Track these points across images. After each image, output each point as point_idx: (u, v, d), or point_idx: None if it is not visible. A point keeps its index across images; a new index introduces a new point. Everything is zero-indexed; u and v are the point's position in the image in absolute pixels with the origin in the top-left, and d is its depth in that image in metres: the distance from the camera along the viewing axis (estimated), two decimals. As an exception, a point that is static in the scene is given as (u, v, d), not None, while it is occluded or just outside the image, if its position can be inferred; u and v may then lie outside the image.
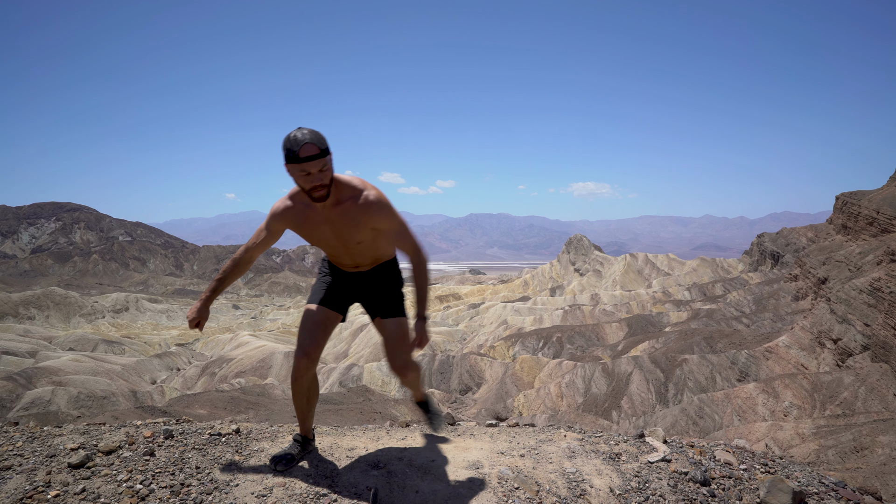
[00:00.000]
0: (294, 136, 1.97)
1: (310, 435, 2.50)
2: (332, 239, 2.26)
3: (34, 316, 69.96)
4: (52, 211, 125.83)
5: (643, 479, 2.40)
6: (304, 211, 2.20)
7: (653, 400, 29.72)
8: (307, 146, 1.96)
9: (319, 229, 2.23)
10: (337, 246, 2.29)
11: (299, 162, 1.97)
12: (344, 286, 2.45)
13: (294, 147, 1.96)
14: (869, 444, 17.79)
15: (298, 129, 2.00)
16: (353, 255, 2.33)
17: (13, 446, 2.35)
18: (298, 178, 2.04)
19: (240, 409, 27.49)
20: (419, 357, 40.24)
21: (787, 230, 66.41)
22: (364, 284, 2.43)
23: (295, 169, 2.00)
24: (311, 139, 1.96)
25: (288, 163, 2.00)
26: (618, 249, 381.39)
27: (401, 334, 2.34)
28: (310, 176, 2.01)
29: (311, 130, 1.99)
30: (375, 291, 2.43)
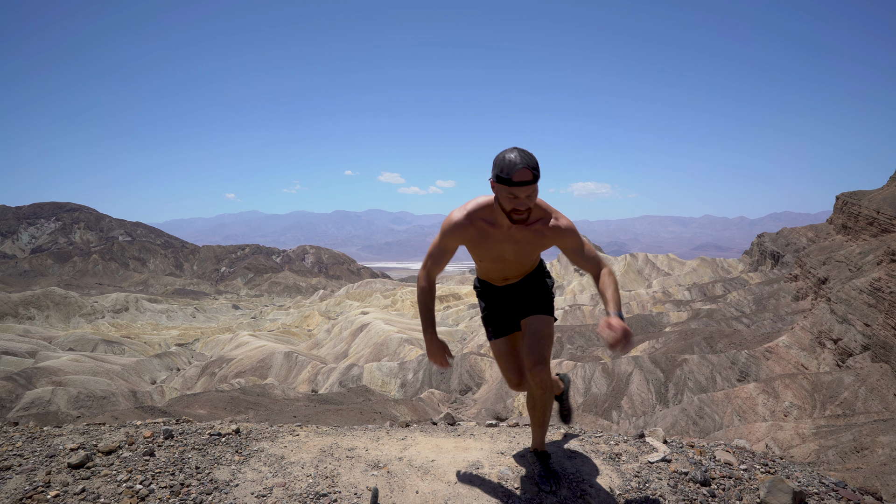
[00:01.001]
0: (510, 159, 1.96)
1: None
2: (509, 255, 2.28)
3: (34, 316, 69.96)
4: (51, 211, 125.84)
5: (643, 479, 2.39)
6: (486, 229, 2.21)
7: (653, 400, 29.72)
8: (523, 171, 1.95)
9: (500, 246, 2.25)
10: (510, 262, 2.32)
11: (511, 185, 1.96)
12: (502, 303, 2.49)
13: (509, 170, 1.95)
14: (869, 445, 17.78)
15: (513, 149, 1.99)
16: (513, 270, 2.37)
17: (13, 446, 2.34)
18: (504, 199, 2.03)
19: (240, 409, 27.48)
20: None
21: (787, 230, 66.41)
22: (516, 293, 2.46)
23: (503, 190, 2.00)
24: (526, 164, 1.95)
25: (498, 182, 2.00)
26: (618, 249, 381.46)
27: (544, 332, 2.33)
28: (516, 199, 2.00)
29: (526, 154, 1.98)
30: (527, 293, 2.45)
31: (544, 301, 2.41)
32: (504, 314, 2.48)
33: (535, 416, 2.39)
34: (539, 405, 2.33)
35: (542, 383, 2.25)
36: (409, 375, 38.53)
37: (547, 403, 2.34)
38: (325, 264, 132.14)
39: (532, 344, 2.28)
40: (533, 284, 2.44)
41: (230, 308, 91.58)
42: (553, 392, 2.34)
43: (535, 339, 2.29)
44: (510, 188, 1.97)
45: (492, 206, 2.18)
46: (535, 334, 2.30)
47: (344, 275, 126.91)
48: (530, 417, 2.44)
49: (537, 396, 2.31)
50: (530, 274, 2.45)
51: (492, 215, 2.18)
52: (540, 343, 2.28)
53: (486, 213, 2.19)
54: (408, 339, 47.63)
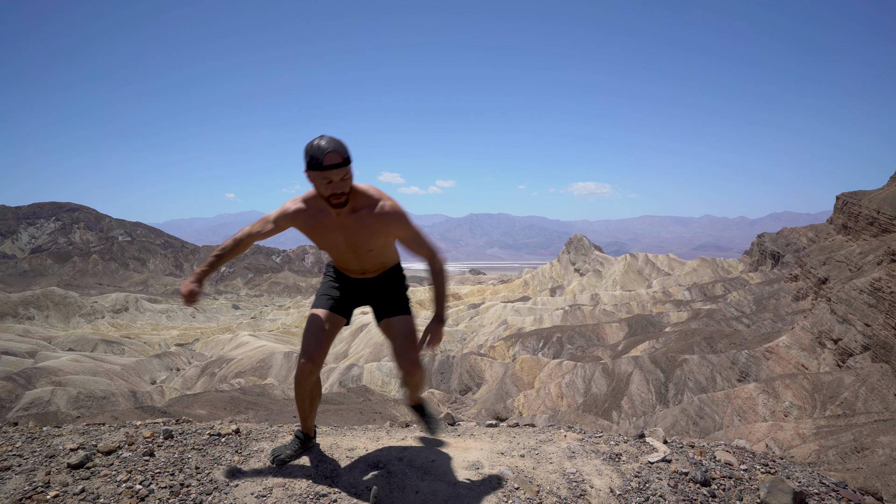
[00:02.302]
0: (318, 144, 2.01)
1: (311, 433, 2.54)
2: (342, 245, 2.29)
3: (34, 316, 69.96)
4: (51, 211, 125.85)
5: (643, 479, 2.39)
6: (316, 215, 2.23)
7: (653, 400, 29.72)
8: (331, 154, 2.00)
9: (331, 234, 2.26)
10: (346, 252, 2.32)
11: (322, 170, 2.02)
12: (350, 291, 2.47)
13: (317, 155, 2.00)
14: (869, 445, 17.78)
15: (321, 137, 2.04)
16: (361, 261, 2.36)
17: (13, 446, 2.34)
18: (319, 185, 2.08)
19: (239, 409, 27.48)
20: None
21: (787, 230, 66.41)
22: (370, 290, 2.47)
23: (317, 176, 2.05)
24: (334, 148, 2.01)
25: (310, 169, 2.05)
26: (618, 249, 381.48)
27: (408, 332, 2.36)
28: (331, 184, 2.05)
29: (334, 139, 2.03)
30: (382, 295, 2.46)
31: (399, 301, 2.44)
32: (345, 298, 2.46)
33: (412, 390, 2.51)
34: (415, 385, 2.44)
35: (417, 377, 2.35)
36: (409, 375, 38.52)
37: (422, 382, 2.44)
38: (324, 264, 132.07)
39: (401, 348, 2.33)
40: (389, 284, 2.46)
41: (230, 308, 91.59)
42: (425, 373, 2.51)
43: (401, 342, 2.34)
44: (323, 173, 2.02)
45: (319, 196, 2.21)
46: (402, 336, 2.35)
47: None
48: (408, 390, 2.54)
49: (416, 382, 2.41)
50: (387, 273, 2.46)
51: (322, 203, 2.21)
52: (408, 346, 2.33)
53: (318, 202, 2.22)
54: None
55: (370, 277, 2.44)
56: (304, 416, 2.47)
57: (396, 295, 2.45)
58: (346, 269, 2.45)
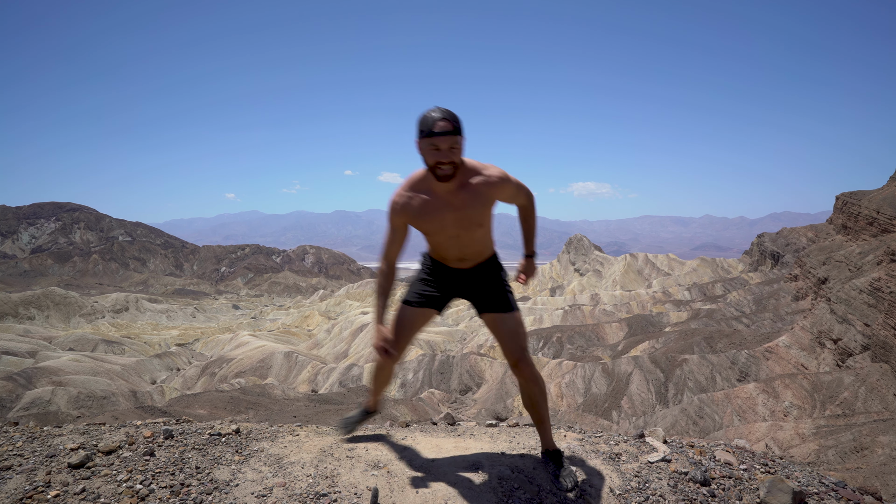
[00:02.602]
0: (429, 113, 2.03)
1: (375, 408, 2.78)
2: (451, 226, 2.24)
3: (34, 316, 69.98)
4: (51, 211, 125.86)
5: (643, 479, 2.40)
6: (424, 199, 2.21)
7: (653, 400, 29.72)
8: (442, 122, 2.00)
9: (440, 215, 2.22)
10: (454, 234, 2.27)
11: (431, 136, 2.02)
12: (446, 282, 2.43)
13: (428, 122, 2.02)
14: (869, 444, 17.79)
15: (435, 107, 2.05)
16: (464, 245, 2.31)
17: (13, 446, 2.34)
18: (427, 154, 2.07)
19: (240, 409, 27.49)
20: (413, 360, 40.26)
21: (787, 230, 66.41)
22: (468, 281, 2.42)
23: (426, 144, 2.04)
24: (445, 116, 2.01)
25: (420, 138, 2.05)
26: (618, 249, 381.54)
27: (517, 329, 2.34)
28: (439, 152, 2.04)
29: (446, 109, 2.04)
30: (483, 288, 2.41)
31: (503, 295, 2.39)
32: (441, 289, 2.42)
33: (533, 413, 2.40)
34: (533, 400, 2.35)
35: (529, 377, 2.29)
36: (409, 375, 38.53)
37: (541, 397, 2.35)
38: (325, 264, 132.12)
39: (510, 342, 2.31)
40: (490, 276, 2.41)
41: (230, 308, 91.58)
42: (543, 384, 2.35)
43: (509, 337, 2.32)
44: (431, 139, 2.01)
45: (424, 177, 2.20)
46: (508, 333, 2.32)
47: (344, 275, 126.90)
48: (530, 415, 2.45)
49: (529, 391, 2.33)
50: (486, 264, 2.41)
51: (427, 185, 2.19)
52: (515, 339, 2.31)
53: (422, 184, 2.20)
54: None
55: (467, 268, 2.39)
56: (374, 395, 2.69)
57: (500, 288, 2.40)
58: (444, 258, 2.39)
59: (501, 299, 2.38)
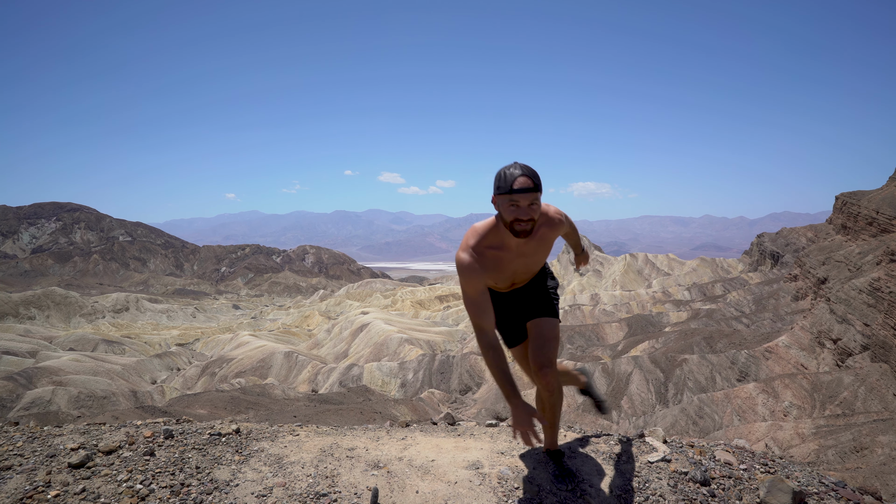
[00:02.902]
0: (509, 170, 1.99)
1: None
2: (521, 271, 2.26)
3: (34, 316, 69.96)
4: (52, 211, 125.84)
5: (643, 478, 2.40)
6: (496, 255, 2.15)
7: (653, 400, 29.73)
8: (522, 179, 1.96)
9: (512, 265, 2.20)
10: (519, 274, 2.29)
11: (511, 193, 1.96)
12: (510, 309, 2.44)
13: (510, 179, 1.97)
14: (869, 444, 17.78)
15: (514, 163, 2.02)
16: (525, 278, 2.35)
17: (13, 446, 2.35)
18: (505, 210, 2.02)
19: (240, 409, 27.48)
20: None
21: (786, 230, 66.39)
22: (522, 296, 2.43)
23: (504, 200, 2.00)
24: (526, 173, 1.97)
25: (499, 194, 2.00)
26: (618, 249, 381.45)
27: (550, 335, 2.33)
28: (517, 209, 1.99)
29: (526, 166, 2.00)
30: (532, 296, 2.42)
31: (548, 303, 2.40)
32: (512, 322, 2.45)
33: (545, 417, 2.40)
34: (548, 406, 2.34)
35: (549, 385, 2.26)
36: (409, 375, 38.53)
37: (556, 404, 2.34)
38: (325, 264, 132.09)
39: (538, 347, 2.28)
40: (537, 287, 2.42)
41: (230, 308, 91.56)
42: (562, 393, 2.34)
43: (540, 341, 2.29)
44: (511, 196, 1.97)
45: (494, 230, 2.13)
46: (541, 337, 2.30)
47: (344, 275, 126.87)
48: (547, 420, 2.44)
49: (545, 398, 2.33)
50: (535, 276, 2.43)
51: (497, 239, 2.13)
52: (545, 346, 2.27)
53: (490, 240, 2.14)
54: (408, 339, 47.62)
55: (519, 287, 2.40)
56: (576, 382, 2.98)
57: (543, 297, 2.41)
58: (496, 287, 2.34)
59: (547, 305, 2.40)
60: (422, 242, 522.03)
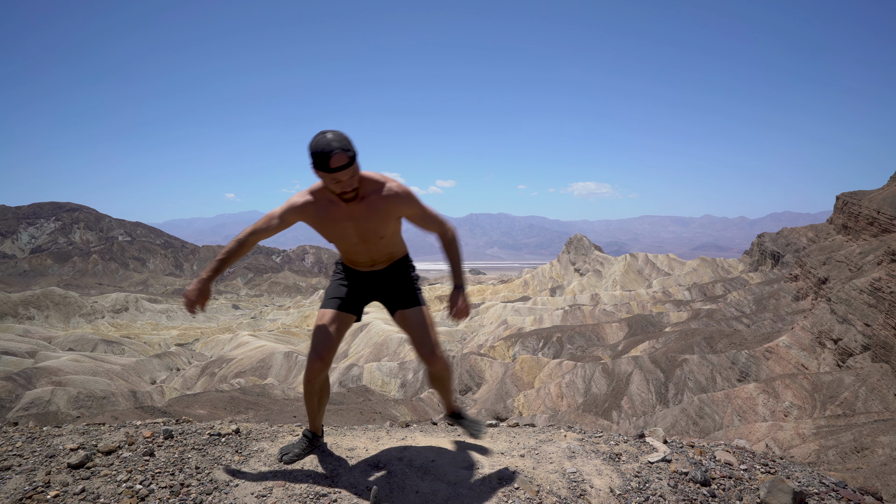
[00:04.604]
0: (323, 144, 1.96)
1: (319, 432, 2.55)
2: (353, 235, 2.27)
3: (34, 316, 69.96)
4: (51, 211, 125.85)
5: (643, 479, 2.39)
6: (326, 207, 2.20)
7: (653, 400, 29.73)
8: (338, 156, 1.95)
9: (341, 225, 2.24)
10: (357, 242, 2.30)
11: (331, 171, 1.99)
12: (360, 287, 2.46)
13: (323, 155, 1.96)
14: (869, 445, 17.79)
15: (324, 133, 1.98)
16: (371, 251, 2.35)
17: (13, 446, 2.34)
18: (328, 184, 2.06)
19: (240, 409, 27.49)
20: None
21: (787, 230, 66.41)
22: (380, 283, 2.46)
23: (325, 176, 2.02)
24: (340, 146, 1.95)
25: (317, 169, 2.02)
26: (618, 249, 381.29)
27: (424, 322, 2.38)
28: (340, 183, 2.03)
29: (338, 135, 1.97)
30: (393, 287, 2.46)
31: (411, 293, 2.44)
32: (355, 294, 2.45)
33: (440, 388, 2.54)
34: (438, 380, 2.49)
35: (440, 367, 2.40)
36: (409, 375, 38.53)
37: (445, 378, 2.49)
38: (325, 264, 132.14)
39: (418, 337, 2.36)
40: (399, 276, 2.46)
41: (230, 308, 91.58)
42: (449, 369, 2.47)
43: (418, 332, 2.37)
44: (331, 174, 1.99)
45: None
46: (419, 326, 2.37)
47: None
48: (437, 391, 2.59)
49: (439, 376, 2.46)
50: (395, 264, 2.46)
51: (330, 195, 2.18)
52: (425, 334, 2.36)
53: (327, 192, 2.19)
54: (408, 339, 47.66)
55: (379, 270, 2.43)
56: (312, 415, 2.47)
57: (408, 286, 2.45)
58: (354, 263, 2.42)
59: (410, 295, 2.43)
60: (422, 242, 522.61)
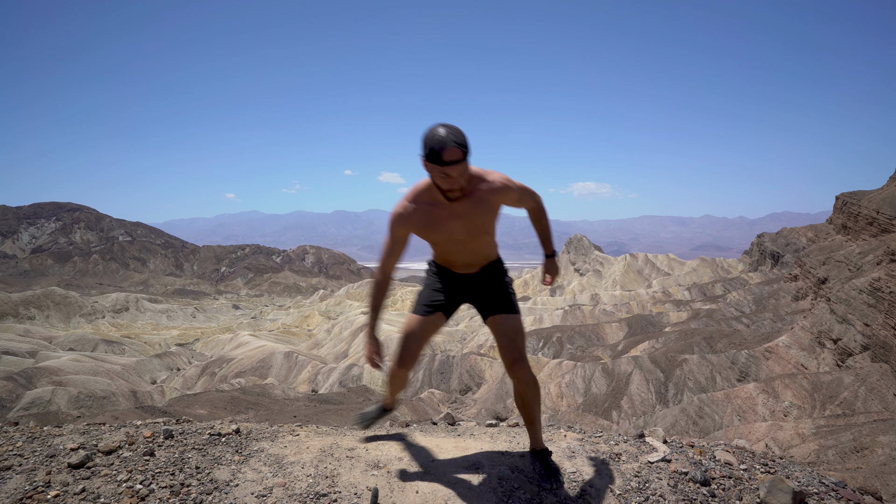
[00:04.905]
0: (440, 136, 1.93)
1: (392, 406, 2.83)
2: (459, 233, 2.24)
3: (34, 316, 69.96)
4: (52, 211, 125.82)
5: (643, 479, 2.39)
6: (429, 211, 2.17)
7: (653, 400, 29.72)
8: (453, 150, 1.92)
9: (447, 225, 2.20)
10: (462, 241, 2.27)
11: (441, 164, 1.95)
12: (454, 288, 2.44)
13: (437, 148, 1.92)
14: (869, 444, 17.79)
15: (441, 126, 1.95)
16: (472, 251, 2.33)
17: (13, 446, 2.35)
18: (437, 178, 2.02)
19: (240, 409, 27.50)
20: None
21: (787, 230, 66.39)
22: (475, 285, 2.44)
23: (435, 169, 1.98)
24: (455, 141, 1.92)
25: (429, 161, 1.98)
26: (618, 249, 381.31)
27: (517, 330, 2.34)
28: (450, 178, 1.99)
29: (454, 130, 1.94)
30: (487, 291, 2.43)
31: (507, 298, 2.41)
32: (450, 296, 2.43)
33: (524, 413, 2.42)
34: (525, 401, 2.36)
35: (523, 378, 2.29)
36: (409, 375, 38.53)
37: (533, 398, 2.35)
38: (325, 264, 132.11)
39: (508, 343, 2.30)
40: (494, 280, 2.43)
41: (230, 308, 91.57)
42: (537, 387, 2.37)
43: (509, 338, 2.31)
44: (442, 168, 1.95)
45: (430, 188, 2.15)
46: (508, 334, 2.32)
47: (344, 275, 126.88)
48: (521, 415, 2.46)
49: (523, 392, 2.34)
50: (490, 267, 2.44)
51: (432, 196, 2.16)
52: (515, 341, 2.31)
53: (426, 196, 2.16)
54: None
55: (474, 273, 2.41)
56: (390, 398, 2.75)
57: (503, 291, 2.42)
58: (450, 264, 2.40)
59: (505, 301, 2.40)
60: (422, 243, 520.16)
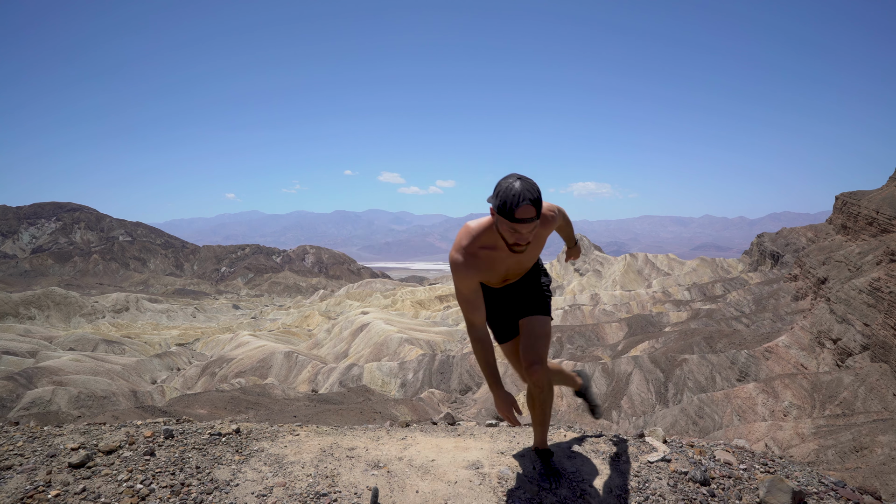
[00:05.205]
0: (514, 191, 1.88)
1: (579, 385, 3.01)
2: (514, 268, 2.25)
3: (34, 316, 69.95)
4: (52, 211, 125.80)
5: (643, 478, 2.40)
6: (489, 255, 2.15)
7: (653, 400, 29.72)
8: (526, 208, 1.87)
9: (504, 264, 2.20)
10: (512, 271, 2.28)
11: (513, 221, 1.90)
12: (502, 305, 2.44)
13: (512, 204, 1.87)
14: (868, 444, 17.78)
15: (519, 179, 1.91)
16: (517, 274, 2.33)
17: (14, 446, 2.35)
18: (505, 232, 1.98)
19: (240, 409, 27.49)
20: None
21: (786, 230, 66.38)
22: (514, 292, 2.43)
23: (504, 223, 1.93)
24: (530, 199, 1.87)
25: (500, 215, 1.93)
26: (618, 249, 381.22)
27: (542, 333, 2.31)
28: (518, 234, 1.96)
29: (531, 185, 1.90)
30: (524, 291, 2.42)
31: (541, 300, 2.39)
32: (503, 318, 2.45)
33: (534, 415, 2.41)
34: (538, 403, 2.35)
35: (538, 381, 2.26)
36: (409, 375, 38.53)
37: (546, 401, 2.34)
38: (325, 264, 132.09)
39: (529, 345, 2.28)
40: (530, 284, 2.41)
41: (230, 308, 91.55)
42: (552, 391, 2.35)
43: (532, 339, 2.28)
44: (512, 224, 1.91)
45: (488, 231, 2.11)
46: (532, 335, 2.29)
47: (344, 275, 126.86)
48: (531, 416, 2.45)
49: (535, 395, 2.33)
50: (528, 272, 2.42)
51: (490, 240, 2.12)
52: (537, 343, 2.27)
53: (483, 241, 2.13)
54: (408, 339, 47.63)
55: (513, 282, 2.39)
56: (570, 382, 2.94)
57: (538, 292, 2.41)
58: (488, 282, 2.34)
59: (539, 302, 2.39)
60: (422, 242, 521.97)
